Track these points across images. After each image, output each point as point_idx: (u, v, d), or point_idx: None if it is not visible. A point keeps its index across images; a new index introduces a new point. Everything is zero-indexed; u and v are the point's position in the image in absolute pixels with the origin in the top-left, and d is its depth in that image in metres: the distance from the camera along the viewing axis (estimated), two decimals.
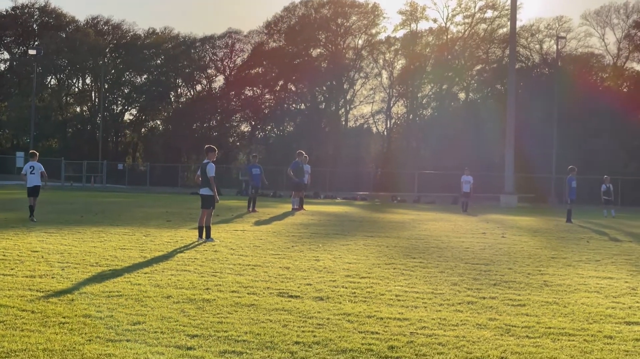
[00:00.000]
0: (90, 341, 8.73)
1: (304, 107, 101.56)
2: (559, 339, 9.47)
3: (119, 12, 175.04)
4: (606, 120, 75.61)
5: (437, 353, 8.64)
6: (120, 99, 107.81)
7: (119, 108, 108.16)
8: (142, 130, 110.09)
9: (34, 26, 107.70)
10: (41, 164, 27.28)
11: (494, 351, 8.78)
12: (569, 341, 9.41)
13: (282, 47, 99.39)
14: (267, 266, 15.49)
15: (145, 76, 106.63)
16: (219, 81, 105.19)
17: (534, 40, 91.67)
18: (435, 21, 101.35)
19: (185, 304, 11.16)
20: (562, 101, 71.84)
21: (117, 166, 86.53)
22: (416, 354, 8.58)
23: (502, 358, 8.52)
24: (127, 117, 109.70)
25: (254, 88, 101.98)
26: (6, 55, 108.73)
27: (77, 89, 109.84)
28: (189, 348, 8.56)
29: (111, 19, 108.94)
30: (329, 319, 10.34)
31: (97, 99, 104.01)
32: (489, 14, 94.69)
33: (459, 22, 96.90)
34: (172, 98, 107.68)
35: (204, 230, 20.42)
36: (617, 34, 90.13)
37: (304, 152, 38.01)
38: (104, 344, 8.58)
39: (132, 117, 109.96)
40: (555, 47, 79.77)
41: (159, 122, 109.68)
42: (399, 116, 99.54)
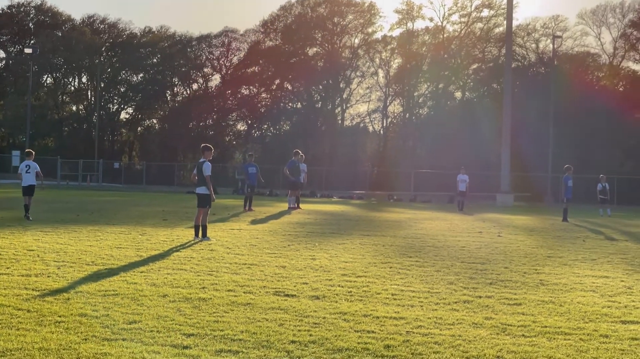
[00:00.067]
0: (86, 340, 8.72)
1: (300, 105, 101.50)
2: (555, 338, 9.47)
3: (115, 11, 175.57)
4: (602, 119, 75.60)
5: (433, 352, 8.64)
6: (116, 98, 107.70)
7: (115, 107, 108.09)
8: (138, 128, 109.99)
9: (30, 25, 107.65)
10: (37, 163, 27.28)
11: (490, 350, 8.78)
12: (565, 340, 9.41)
13: (278, 45, 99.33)
14: (263, 265, 15.48)
15: (141, 75, 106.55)
16: (215, 80, 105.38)
17: (530, 39, 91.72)
18: (431, 20, 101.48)
19: (181, 303, 11.15)
20: (558, 100, 71.88)
21: (113, 165, 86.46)
22: (412, 353, 8.58)
23: (498, 357, 8.51)
24: (123, 115, 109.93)
25: (250, 87, 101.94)
26: (2, 53, 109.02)
27: (73, 88, 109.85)
28: (185, 347, 8.56)
29: (107, 18, 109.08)
30: (325, 318, 10.34)
31: (93, 98, 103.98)
32: (485, 13, 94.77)
33: (455, 21, 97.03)
34: (168, 97, 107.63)
35: (200, 228, 20.41)
36: (613, 33, 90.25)
37: (300, 151, 38.03)
38: (99, 343, 8.57)
39: (128, 116, 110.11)
40: (551, 46, 79.92)
41: (155, 121, 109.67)
42: (395, 115, 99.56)
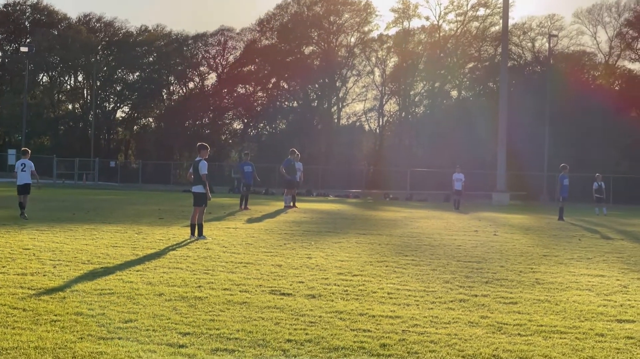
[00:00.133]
0: (82, 339, 8.72)
1: (296, 104, 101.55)
2: (550, 337, 9.48)
3: (111, 10, 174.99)
4: (598, 118, 75.69)
5: (429, 351, 8.64)
6: (112, 97, 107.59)
7: (111, 106, 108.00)
8: (134, 127, 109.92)
9: (26, 23, 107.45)
10: (32, 162, 27.25)
11: (486, 349, 8.78)
12: (561, 339, 9.42)
13: (274, 44, 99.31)
14: (259, 263, 15.48)
15: (137, 73, 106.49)
16: (212, 79, 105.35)
17: (526, 38, 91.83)
18: (427, 19, 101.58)
19: (177, 302, 11.15)
20: (554, 99, 71.91)
21: (109, 163, 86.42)
22: (408, 352, 8.59)
23: (494, 356, 8.52)
24: (119, 114, 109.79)
25: (247, 86, 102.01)
26: None
27: (69, 86, 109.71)
28: (181, 346, 8.56)
29: (103, 17, 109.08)
30: (321, 317, 10.34)
31: (89, 96, 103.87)
32: (481, 12, 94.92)
33: (451, 20, 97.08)
34: (165, 96, 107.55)
35: (196, 227, 20.41)
36: (609, 32, 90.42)
37: (296, 150, 38.05)
38: (95, 342, 8.57)
39: (124, 115, 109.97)
40: (547, 45, 79.84)
41: (151, 120, 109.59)
42: (392, 114, 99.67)
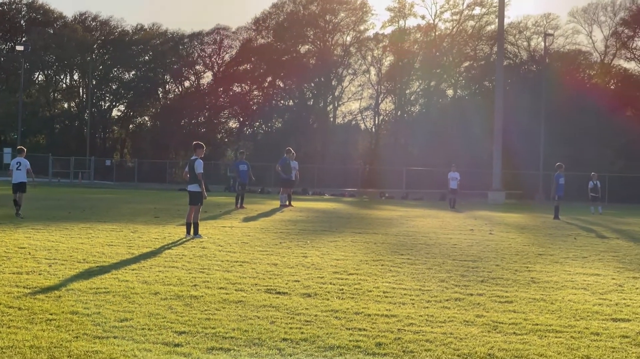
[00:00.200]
0: (77, 338, 8.72)
1: (292, 103, 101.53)
2: (546, 336, 9.49)
3: (107, 8, 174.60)
4: (593, 117, 75.70)
5: (425, 350, 8.65)
6: (108, 95, 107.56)
7: (107, 105, 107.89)
8: (130, 126, 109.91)
9: (22, 22, 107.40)
10: (28, 160, 27.29)
11: (481, 347, 8.79)
12: (556, 337, 9.43)
13: (270, 43, 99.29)
14: (255, 262, 15.49)
15: (133, 72, 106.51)
16: (207, 77, 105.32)
17: (521, 37, 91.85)
18: (423, 18, 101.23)
19: (172, 300, 11.15)
20: (549, 98, 71.95)
21: (105, 162, 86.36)
22: (403, 351, 8.59)
23: (489, 355, 8.52)
24: (115, 113, 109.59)
25: (242, 85, 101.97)
26: None
27: (64, 85, 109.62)
28: (177, 345, 8.55)
29: (99, 15, 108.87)
30: (316, 316, 10.35)
31: (85, 95, 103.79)
32: (477, 11, 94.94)
33: (447, 19, 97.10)
34: (160, 95, 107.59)
35: (192, 226, 20.42)
36: (605, 31, 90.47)
37: (292, 149, 38.08)
38: (91, 341, 8.56)
39: (120, 113, 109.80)
40: (543, 44, 80.00)
41: (147, 118, 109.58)
42: (387, 112, 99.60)
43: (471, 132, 78.62)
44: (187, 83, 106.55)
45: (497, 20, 67.69)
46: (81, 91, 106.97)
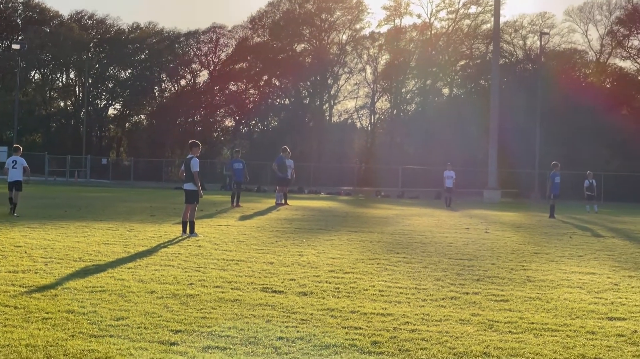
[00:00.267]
0: (73, 336, 8.71)
1: (288, 102, 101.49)
2: (541, 335, 9.50)
3: (103, 7, 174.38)
4: (589, 116, 75.74)
5: (420, 349, 8.65)
6: (104, 94, 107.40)
7: (103, 103, 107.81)
8: (126, 124, 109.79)
9: (18, 21, 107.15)
10: (24, 159, 27.28)
11: (477, 346, 8.80)
12: (552, 336, 9.44)
13: (266, 42, 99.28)
14: (251, 261, 15.48)
15: (129, 71, 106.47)
16: (203, 76, 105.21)
17: (517, 36, 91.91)
18: (419, 17, 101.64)
19: (168, 299, 11.15)
20: (545, 97, 71.98)
21: (101, 161, 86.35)
22: (399, 350, 8.60)
23: (485, 354, 8.53)
24: (111, 111, 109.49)
25: (238, 83, 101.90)
26: None
27: (61, 84, 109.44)
28: (173, 344, 8.55)
29: (95, 14, 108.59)
30: (312, 314, 10.35)
31: (81, 94, 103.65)
32: (473, 9, 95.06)
33: (443, 17, 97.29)
34: (156, 93, 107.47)
35: (188, 224, 20.41)
36: (600, 30, 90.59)
37: (287, 148, 38.11)
38: (87, 340, 8.56)
39: (116, 112, 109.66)
40: (538, 43, 79.96)
41: (143, 117, 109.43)
42: (383, 111, 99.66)
43: (467, 131, 78.69)
44: (183, 82, 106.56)
45: (492, 19, 67.86)
46: (77, 90, 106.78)
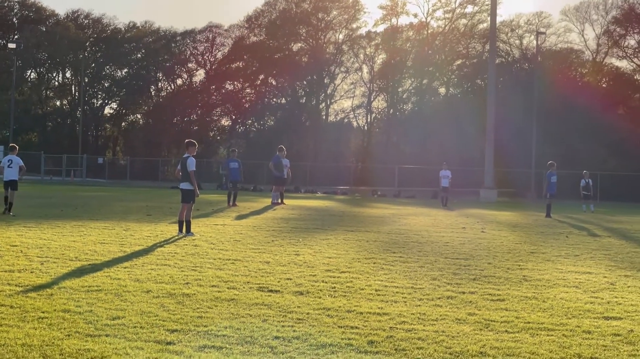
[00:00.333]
0: (69, 336, 8.70)
1: (284, 101, 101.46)
2: (537, 334, 9.50)
3: (99, 6, 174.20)
4: (585, 115, 75.74)
5: (417, 348, 8.65)
6: (100, 93, 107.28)
7: (99, 102, 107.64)
8: (122, 124, 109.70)
9: (14, 20, 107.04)
10: (20, 158, 27.24)
11: (473, 346, 8.80)
12: (548, 336, 9.44)
13: (262, 41, 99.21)
14: (247, 260, 15.48)
15: (125, 70, 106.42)
16: (200, 75, 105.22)
17: (514, 35, 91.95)
18: (415, 16, 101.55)
19: (165, 298, 11.14)
20: (541, 96, 72.04)
21: (97, 160, 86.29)
22: (395, 349, 8.60)
23: (481, 353, 8.53)
24: (107, 110, 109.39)
25: (235, 83, 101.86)
26: None
27: (57, 83, 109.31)
28: (169, 343, 8.54)
29: (91, 13, 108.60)
30: (308, 314, 10.35)
31: (77, 93, 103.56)
32: (469, 9, 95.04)
33: (439, 17, 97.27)
34: (153, 92, 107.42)
35: (184, 224, 20.40)
36: (597, 29, 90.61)
37: (284, 147, 38.15)
38: (83, 339, 8.55)
39: (112, 111, 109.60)
40: (535, 42, 80.00)
41: (139, 116, 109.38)
42: (380, 110, 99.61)
43: (463, 130, 78.66)
44: (179, 81, 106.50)
45: (489, 18, 67.72)
46: (73, 89, 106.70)
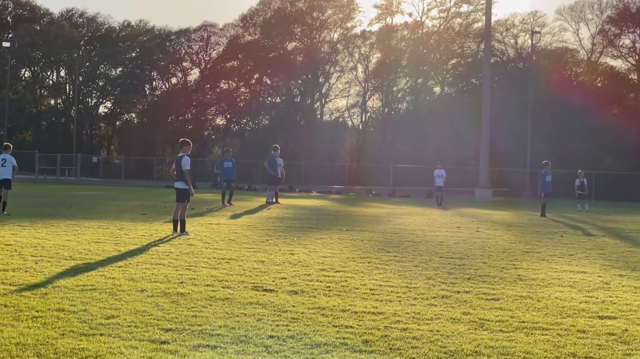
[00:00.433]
0: (63, 335, 8.69)
1: (279, 100, 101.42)
2: (532, 334, 9.50)
3: (94, 5, 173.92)
4: (580, 114, 75.79)
5: (411, 347, 8.65)
6: (94, 92, 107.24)
7: (94, 101, 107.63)
8: (117, 123, 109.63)
9: (8, 18, 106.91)
10: (14, 157, 27.15)
11: (468, 345, 8.80)
12: (543, 335, 9.45)
13: (257, 40, 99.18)
14: (241, 260, 15.46)
15: (120, 69, 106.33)
16: (194, 74, 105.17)
17: (508, 34, 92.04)
18: (410, 15, 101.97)
19: (159, 298, 11.12)
20: (536, 95, 72.08)
21: (92, 159, 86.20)
22: (390, 348, 8.59)
23: (476, 352, 8.53)
24: (102, 109, 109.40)
25: (230, 82, 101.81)
26: None
27: (51, 82, 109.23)
28: (163, 342, 8.53)
29: (86, 12, 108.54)
30: (303, 313, 10.34)
31: (71, 92, 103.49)
32: (464, 8, 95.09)
33: (434, 16, 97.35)
34: (147, 91, 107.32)
35: (179, 223, 20.37)
36: (591, 29, 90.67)
37: (278, 146, 38.16)
38: (77, 339, 8.54)
39: (106, 110, 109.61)
40: (530, 41, 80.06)
41: (134, 115, 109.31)
42: (374, 110, 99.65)
43: (458, 130, 78.62)
44: (174, 80, 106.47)
45: (484, 17, 67.84)
46: (68, 88, 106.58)
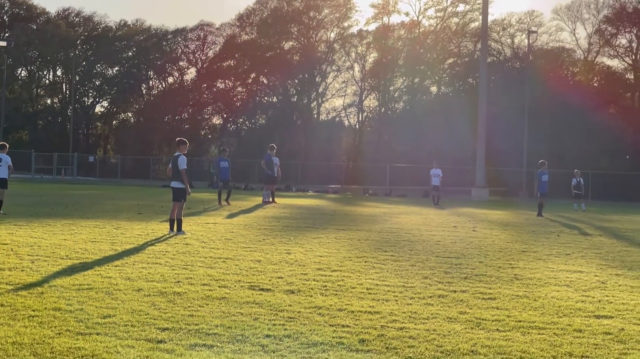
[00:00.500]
0: (60, 334, 8.68)
1: (275, 99, 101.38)
2: (529, 333, 9.50)
3: (90, 4, 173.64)
4: (577, 114, 75.84)
5: (408, 347, 8.65)
6: (91, 91, 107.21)
7: (90, 101, 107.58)
8: (114, 122, 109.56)
9: (5, 18, 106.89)
10: (10, 157, 27.07)
11: (465, 344, 8.80)
12: (539, 334, 9.45)
13: (254, 39, 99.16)
14: (238, 259, 15.46)
15: (116, 68, 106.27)
16: (191, 73, 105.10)
17: (505, 34, 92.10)
18: (407, 14, 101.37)
19: (155, 297, 11.12)
20: (533, 95, 72.12)
21: (88, 158, 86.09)
22: (387, 348, 8.59)
23: (472, 351, 8.53)
24: (98, 109, 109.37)
25: (226, 81, 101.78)
26: None
27: (47, 81, 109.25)
28: (160, 341, 8.53)
29: (82, 11, 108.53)
30: (300, 312, 10.34)
31: (68, 91, 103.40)
32: (461, 7, 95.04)
33: (431, 15, 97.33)
34: (144, 91, 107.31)
35: (175, 222, 20.37)
36: (588, 28, 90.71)
37: (275, 146, 38.18)
38: (73, 338, 8.53)
39: (103, 109, 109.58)
40: (526, 41, 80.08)
41: (131, 114, 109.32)
42: (371, 109, 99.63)
43: (455, 129, 78.64)
44: (170, 80, 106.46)
45: (481, 17, 67.77)
46: (64, 87, 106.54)
